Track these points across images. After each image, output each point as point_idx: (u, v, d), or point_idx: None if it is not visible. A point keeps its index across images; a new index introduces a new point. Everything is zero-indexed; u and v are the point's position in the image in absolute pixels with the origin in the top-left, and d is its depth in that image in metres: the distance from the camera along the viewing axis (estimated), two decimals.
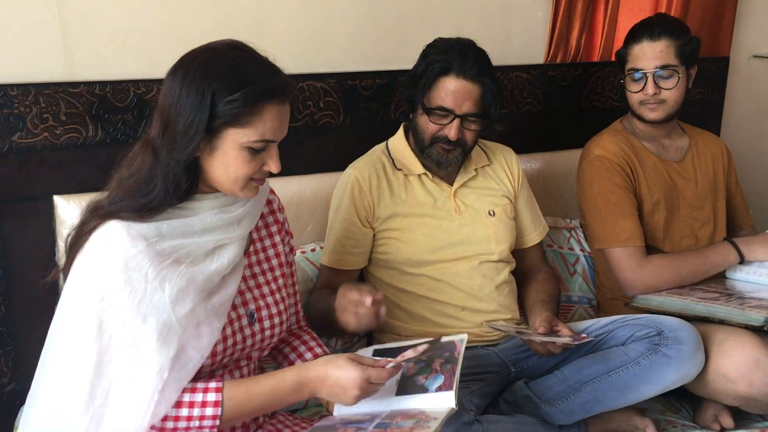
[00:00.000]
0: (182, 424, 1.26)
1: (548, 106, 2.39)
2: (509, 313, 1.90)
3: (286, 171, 2.07)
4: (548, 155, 2.36)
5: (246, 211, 1.37)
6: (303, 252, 2.03)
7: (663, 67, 2.00)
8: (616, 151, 2.07)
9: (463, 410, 1.52)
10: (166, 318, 1.23)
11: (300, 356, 1.56)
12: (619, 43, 2.23)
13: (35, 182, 1.82)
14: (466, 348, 1.44)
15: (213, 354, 1.31)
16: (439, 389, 1.38)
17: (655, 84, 2.01)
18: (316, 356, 1.54)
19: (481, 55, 1.84)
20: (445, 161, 1.87)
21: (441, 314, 1.85)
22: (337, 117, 2.13)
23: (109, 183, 1.31)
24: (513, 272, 2.01)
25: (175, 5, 1.94)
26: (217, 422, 1.27)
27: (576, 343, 1.70)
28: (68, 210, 1.81)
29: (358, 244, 1.88)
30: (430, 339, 1.46)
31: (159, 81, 1.87)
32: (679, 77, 2.01)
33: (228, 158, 1.28)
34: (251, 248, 1.46)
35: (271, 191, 1.55)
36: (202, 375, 1.35)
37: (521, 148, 2.31)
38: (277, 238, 1.52)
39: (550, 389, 1.74)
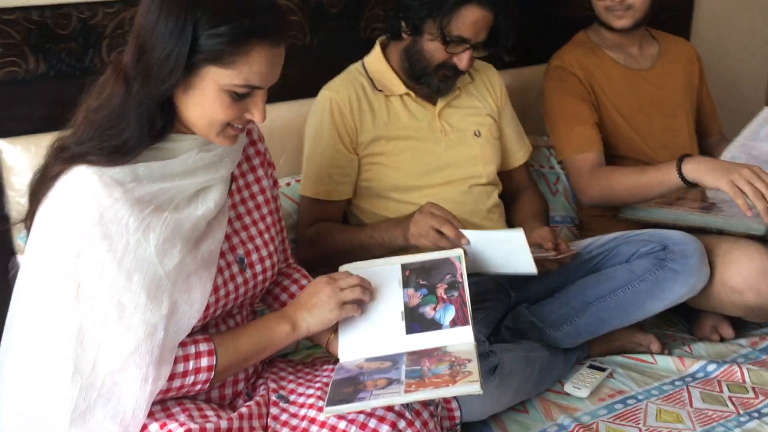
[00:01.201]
0: (177, 382, 1.14)
1: (521, 19, 2.26)
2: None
3: None
4: (523, 70, 2.25)
5: (227, 149, 1.22)
6: (278, 187, 1.87)
7: None
8: (573, 61, 2.01)
9: (478, 342, 1.44)
10: (154, 272, 1.09)
11: (291, 295, 1.43)
12: None
13: None
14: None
15: (206, 306, 1.17)
16: (454, 323, 1.29)
17: None
18: None
19: None
20: (444, 87, 1.77)
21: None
22: (303, 38, 1.96)
23: (76, 115, 1.13)
24: (501, 195, 1.93)
25: None
26: (212, 374, 1.16)
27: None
28: (14, 154, 1.61)
29: (345, 172, 1.75)
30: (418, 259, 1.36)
31: (105, 3, 1.69)
32: None
33: (205, 99, 1.11)
34: (233, 186, 1.30)
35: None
36: (194, 332, 1.22)
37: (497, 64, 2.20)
38: (260, 172, 1.37)
39: (553, 313, 1.68)
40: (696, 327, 1.83)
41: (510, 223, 1.91)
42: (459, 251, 1.36)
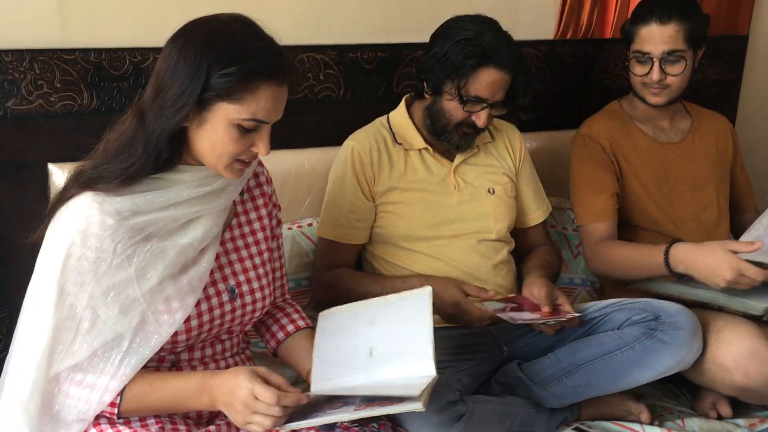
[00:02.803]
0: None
1: (557, 84, 2.34)
2: (505, 293, 1.86)
3: (285, 144, 2.07)
4: (555, 134, 2.31)
5: (227, 182, 1.34)
6: (300, 226, 2.01)
7: (670, 53, 1.93)
8: (600, 130, 2.05)
9: (447, 389, 1.50)
10: (130, 292, 1.22)
11: (282, 328, 1.53)
12: None
13: (30, 149, 1.81)
14: (456, 327, 1.41)
15: (188, 329, 1.30)
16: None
17: (661, 69, 1.93)
18: (297, 328, 1.52)
19: (512, 39, 1.79)
20: (464, 144, 1.85)
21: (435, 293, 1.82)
22: (338, 90, 2.09)
23: (97, 146, 1.30)
24: (516, 252, 1.98)
25: None
26: (115, 409, 1.24)
27: (560, 319, 1.65)
28: (62, 178, 1.80)
29: (362, 217, 1.86)
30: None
31: (155, 49, 1.88)
32: (686, 63, 1.94)
33: (216, 133, 1.24)
34: (234, 221, 1.43)
35: (260, 163, 1.52)
36: (179, 349, 1.34)
37: (527, 125, 2.27)
38: (263, 212, 1.49)
39: (543, 371, 1.71)
40: (697, 402, 1.81)
41: (519, 276, 1.96)
42: (428, 288, 1.38)
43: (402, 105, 1.93)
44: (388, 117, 1.94)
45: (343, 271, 1.85)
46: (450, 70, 1.74)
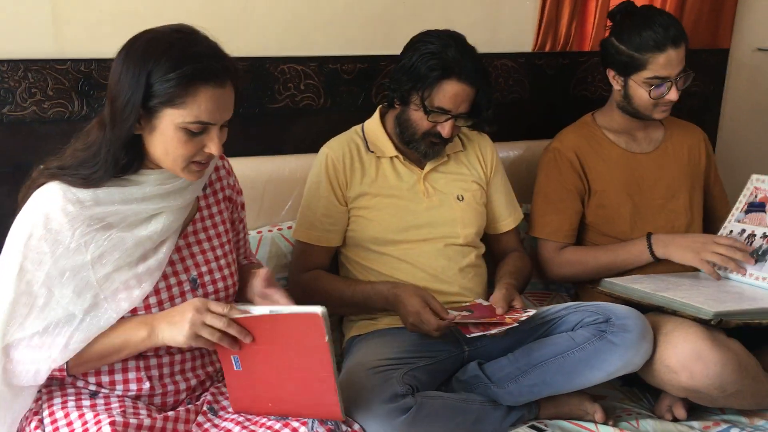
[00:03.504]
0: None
1: (534, 95, 2.41)
2: (472, 296, 1.94)
3: (267, 151, 2.18)
4: (532, 143, 2.38)
5: (189, 182, 1.44)
6: (279, 229, 2.11)
7: (681, 72, 2.01)
8: (570, 144, 2.13)
9: (397, 382, 1.58)
10: (84, 275, 1.33)
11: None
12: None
13: (25, 152, 1.93)
14: None
15: (146, 309, 1.40)
16: None
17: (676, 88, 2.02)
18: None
19: (476, 54, 1.87)
20: (431, 153, 1.94)
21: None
22: (318, 99, 2.19)
23: (64, 149, 1.40)
24: (489, 257, 2.06)
25: None
26: (64, 371, 1.35)
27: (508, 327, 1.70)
28: None
29: (335, 221, 1.94)
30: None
31: None
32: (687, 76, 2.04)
33: (166, 138, 1.34)
34: (197, 215, 1.53)
35: (221, 157, 1.61)
36: None
37: (506, 135, 2.36)
38: (224, 206, 1.58)
39: (500, 370, 1.78)
40: (656, 405, 1.87)
41: (491, 282, 2.04)
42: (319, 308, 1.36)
43: (376, 114, 2.02)
44: (363, 126, 2.03)
45: (319, 274, 1.94)
46: (415, 81, 1.83)
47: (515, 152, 2.37)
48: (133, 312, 1.38)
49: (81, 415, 1.36)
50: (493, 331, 1.66)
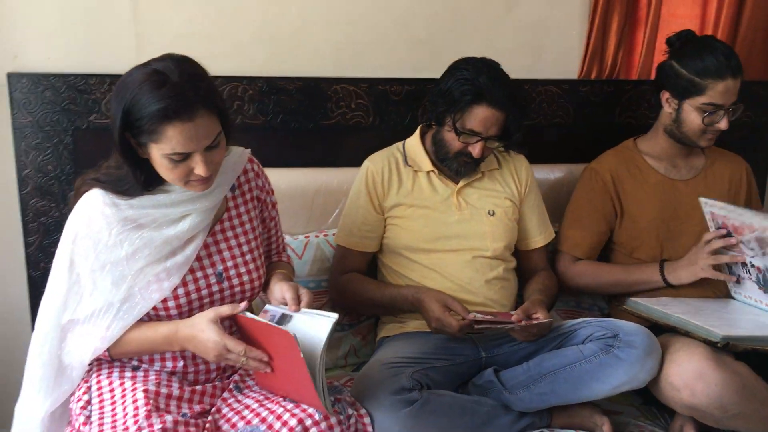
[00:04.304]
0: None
1: (578, 121, 2.50)
2: (497, 308, 2.05)
3: (318, 163, 2.36)
4: (574, 167, 2.46)
5: (215, 185, 1.61)
6: (325, 235, 2.27)
7: (734, 103, 2.07)
8: (608, 166, 2.21)
9: (405, 377, 1.71)
10: (121, 269, 1.53)
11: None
12: (659, 60, 2.23)
13: (106, 156, 2.08)
14: None
15: (178, 306, 1.59)
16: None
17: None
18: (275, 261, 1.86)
19: (508, 81, 1.99)
20: (463, 171, 2.07)
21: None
22: (367, 118, 2.36)
23: (100, 164, 1.59)
24: (518, 271, 2.17)
25: (228, 15, 2.26)
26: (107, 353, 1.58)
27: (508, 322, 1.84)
28: None
29: (372, 229, 2.10)
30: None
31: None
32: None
33: (158, 164, 1.50)
34: (225, 215, 1.70)
35: (250, 159, 1.77)
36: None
37: (548, 158, 2.46)
38: (250, 206, 1.74)
39: (514, 378, 1.88)
40: (670, 425, 1.91)
41: (520, 298, 2.14)
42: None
43: (417, 132, 2.17)
44: (404, 142, 2.18)
45: (353, 276, 2.10)
46: (449, 104, 1.97)
47: (557, 175, 2.46)
48: (164, 303, 1.57)
49: (121, 383, 1.57)
50: (498, 326, 1.81)
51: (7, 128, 2.16)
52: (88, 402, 1.58)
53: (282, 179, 2.26)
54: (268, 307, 1.61)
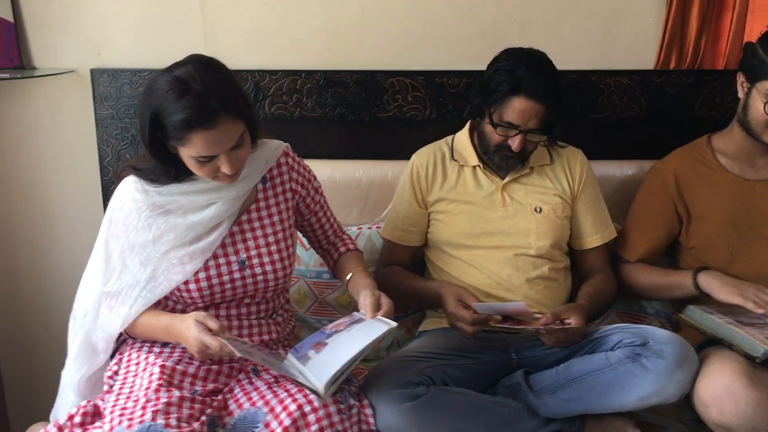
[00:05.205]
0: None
1: (652, 114, 2.34)
2: (538, 308, 1.98)
3: (375, 155, 2.38)
4: (646, 163, 2.29)
5: (242, 177, 1.69)
6: (378, 227, 2.29)
7: None
8: (672, 167, 2.06)
9: (414, 372, 1.69)
10: (148, 251, 1.64)
11: (336, 250, 1.96)
12: None
13: None
14: None
15: (197, 281, 1.67)
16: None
17: None
18: (344, 252, 1.95)
19: (549, 72, 1.91)
20: (505, 166, 2.03)
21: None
22: (424, 111, 2.35)
23: (142, 152, 1.70)
24: (575, 272, 2.09)
25: (291, 10, 2.33)
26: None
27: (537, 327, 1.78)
28: None
29: (415, 222, 2.10)
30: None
31: (271, 72, 2.31)
32: None
33: (187, 162, 1.59)
34: (254, 206, 1.77)
35: (285, 153, 1.82)
36: (200, 304, 1.71)
37: (617, 153, 2.33)
38: (282, 198, 1.80)
39: (542, 381, 1.81)
40: None
41: (571, 299, 2.06)
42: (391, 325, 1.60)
43: (467, 126, 2.13)
44: (454, 136, 2.15)
45: (392, 268, 2.11)
46: (487, 95, 1.93)
47: (626, 172, 2.32)
48: (186, 285, 1.67)
49: (146, 358, 1.68)
50: (519, 327, 1.78)
51: (91, 120, 2.36)
52: (116, 373, 1.71)
53: (338, 171, 2.32)
54: (354, 313, 1.70)
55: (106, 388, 1.69)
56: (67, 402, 1.77)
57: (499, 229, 2.02)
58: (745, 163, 2.03)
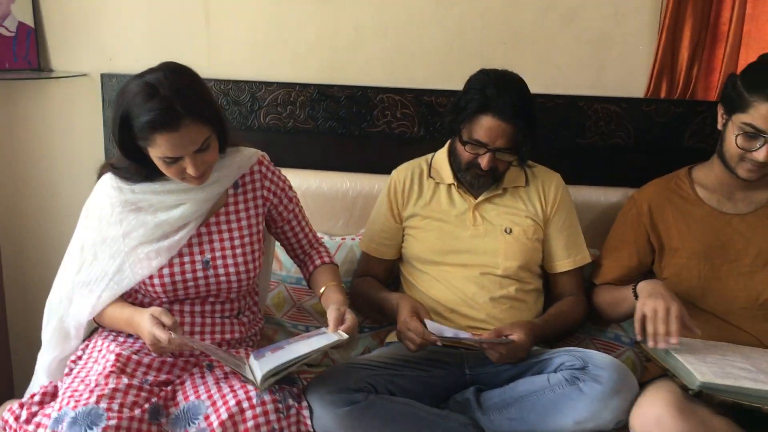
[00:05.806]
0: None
1: (639, 142, 2.33)
2: (499, 326, 2.00)
3: (362, 168, 2.45)
4: (631, 191, 2.30)
5: (212, 181, 1.78)
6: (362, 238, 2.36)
7: None
8: (648, 197, 2.05)
9: (353, 379, 1.73)
10: (118, 245, 1.75)
11: (312, 262, 2.02)
12: None
13: None
14: None
15: (161, 276, 1.76)
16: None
17: None
18: (318, 266, 1.99)
19: (519, 93, 1.94)
20: (477, 184, 2.06)
21: (433, 311, 2.03)
22: (412, 127, 2.41)
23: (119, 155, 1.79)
24: (548, 293, 2.12)
25: (289, 26, 2.43)
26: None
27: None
28: None
29: (390, 237, 2.16)
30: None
31: (267, 83, 2.41)
32: None
33: (156, 162, 1.68)
34: (223, 209, 1.85)
35: (259, 161, 1.89)
36: (164, 299, 1.79)
37: (601, 180, 2.34)
38: (252, 204, 1.87)
39: (491, 399, 1.83)
40: None
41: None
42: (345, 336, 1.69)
43: (447, 145, 2.18)
44: (434, 154, 2.20)
45: (364, 279, 2.17)
46: (457, 113, 1.97)
47: (611, 198, 2.31)
48: (150, 280, 1.76)
49: (108, 346, 1.78)
50: (463, 342, 1.84)
51: (99, 122, 2.51)
52: (79, 357, 1.81)
53: (326, 182, 2.40)
54: (322, 328, 1.78)
55: (66, 370, 1.79)
56: (39, 382, 1.89)
57: (467, 247, 2.05)
58: (723, 197, 2.00)
